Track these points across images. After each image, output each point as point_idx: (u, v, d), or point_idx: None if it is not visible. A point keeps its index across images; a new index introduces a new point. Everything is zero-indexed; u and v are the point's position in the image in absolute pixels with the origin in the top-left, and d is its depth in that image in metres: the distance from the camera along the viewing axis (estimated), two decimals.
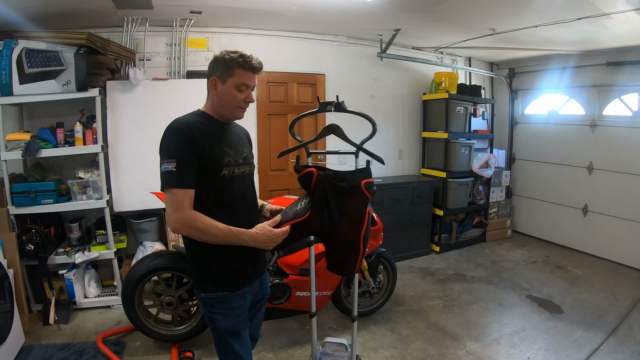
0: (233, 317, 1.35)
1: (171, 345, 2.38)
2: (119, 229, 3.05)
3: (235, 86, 1.28)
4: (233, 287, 1.33)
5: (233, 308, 1.34)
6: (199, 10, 2.94)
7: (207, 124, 1.30)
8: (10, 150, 2.61)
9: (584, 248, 4.23)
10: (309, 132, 3.77)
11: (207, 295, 1.33)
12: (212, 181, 1.27)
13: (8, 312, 2.26)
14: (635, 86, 3.77)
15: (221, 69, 1.28)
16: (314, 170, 1.46)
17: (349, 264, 1.55)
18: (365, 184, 1.46)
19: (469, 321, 2.78)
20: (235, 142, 1.39)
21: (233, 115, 1.36)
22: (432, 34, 3.76)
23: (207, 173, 1.25)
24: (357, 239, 1.50)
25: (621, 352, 2.36)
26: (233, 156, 1.33)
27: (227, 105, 1.32)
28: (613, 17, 2.75)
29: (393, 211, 3.84)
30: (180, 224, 1.21)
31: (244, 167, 1.38)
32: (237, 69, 1.27)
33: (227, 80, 1.28)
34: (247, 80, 1.29)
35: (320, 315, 2.56)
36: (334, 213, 1.46)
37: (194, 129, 1.24)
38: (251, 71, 1.29)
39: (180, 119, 1.28)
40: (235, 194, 1.34)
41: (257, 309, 1.55)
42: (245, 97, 1.32)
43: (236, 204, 1.34)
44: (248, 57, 1.27)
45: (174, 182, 1.19)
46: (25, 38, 2.55)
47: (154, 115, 2.90)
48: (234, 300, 1.34)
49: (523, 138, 4.94)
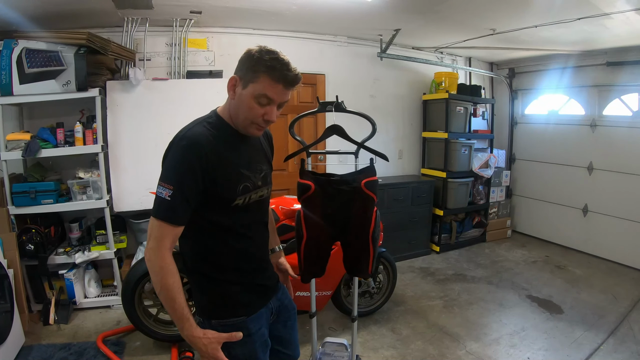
0: (250, 344, 1.15)
1: (171, 345, 2.38)
2: (119, 229, 3.05)
3: (255, 96, 1.02)
4: (249, 310, 1.15)
5: (250, 334, 1.14)
6: (199, 10, 2.94)
7: (222, 136, 1.08)
8: (10, 150, 2.61)
9: (584, 248, 4.22)
10: (309, 132, 3.78)
11: (219, 322, 1.12)
12: (221, 209, 1.08)
13: (8, 312, 2.25)
14: (635, 86, 3.76)
15: (246, 69, 1.03)
16: (312, 186, 1.44)
17: (361, 265, 1.56)
18: (366, 183, 1.45)
19: (469, 321, 2.78)
20: (254, 159, 1.17)
21: (245, 131, 1.10)
22: (432, 34, 3.76)
23: (217, 202, 1.07)
24: (367, 240, 1.50)
25: (621, 352, 2.36)
26: (251, 179, 1.12)
27: (242, 117, 1.07)
28: (613, 17, 2.75)
29: (393, 211, 3.84)
30: (149, 261, 1.01)
31: (262, 190, 1.18)
32: (262, 74, 1.00)
33: (248, 84, 1.02)
34: (271, 92, 1.02)
35: (320, 315, 2.56)
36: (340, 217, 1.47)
37: (207, 147, 1.02)
38: (281, 83, 1.02)
39: (192, 132, 1.05)
40: (248, 222, 1.15)
41: (290, 326, 1.35)
42: (264, 114, 1.05)
43: (249, 231, 1.16)
44: (284, 63, 1.01)
45: (162, 213, 1.00)
46: (25, 38, 2.55)
47: (154, 115, 2.91)
48: (251, 324, 1.15)
49: (523, 138, 4.94)
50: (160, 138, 1.24)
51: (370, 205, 1.48)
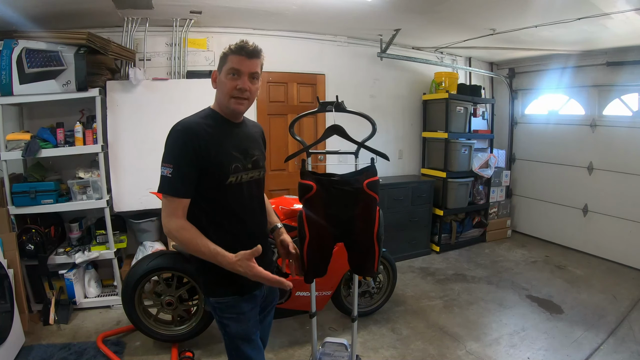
0: (244, 322, 1.32)
1: (171, 345, 2.38)
2: (119, 229, 3.05)
3: (226, 72, 1.22)
4: (243, 291, 1.30)
5: (244, 312, 1.31)
6: (199, 10, 2.94)
7: (215, 124, 1.25)
8: (10, 150, 2.61)
9: (584, 248, 4.23)
10: (309, 132, 3.78)
11: (216, 300, 1.30)
12: (217, 188, 1.22)
13: (8, 312, 2.26)
14: (635, 86, 3.76)
15: (220, 61, 1.26)
16: (314, 186, 1.45)
17: (367, 264, 1.56)
18: (368, 184, 1.46)
19: (469, 321, 2.78)
20: (245, 145, 1.31)
21: (229, 108, 1.26)
22: (432, 34, 3.76)
23: (212, 180, 1.21)
24: (372, 240, 1.50)
25: (621, 352, 2.36)
26: (242, 161, 1.27)
27: (223, 97, 1.24)
28: (613, 17, 2.75)
29: (393, 211, 3.84)
30: (167, 230, 1.18)
31: (253, 172, 1.32)
32: (229, 55, 1.22)
33: (222, 69, 1.24)
34: (238, 64, 1.21)
35: (320, 315, 2.56)
36: (344, 218, 1.47)
37: (200, 132, 1.19)
38: (243, 55, 1.21)
39: (186, 120, 1.23)
40: (243, 201, 1.29)
41: (267, 313, 1.52)
42: (237, 84, 1.21)
43: (244, 211, 1.29)
44: (243, 42, 1.22)
45: (167, 189, 1.16)
46: (25, 38, 2.55)
47: (154, 115, 2.91)
48: (244, 304, 1.31)
49: (523, 138, 4.94)
50: (161, 138, 1.24)
51: (373, 205, 1.48)
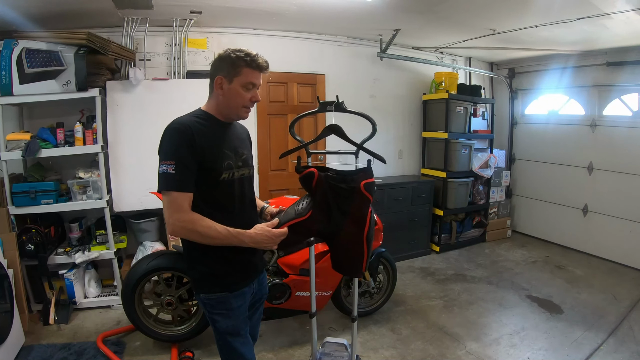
0: (233, 318, 1.36)
1: (171, 345, 2.38)
2: (119, 229, 3.05)
3: (242, 85, 1.27)
4: (232, 288, 1.34)
5: (233, 308, 1.35)
6: (199, 10, 2.94)
7: (208, 124, 1.29)
8: (10, 150, 2.61)
9: (584, 248, 4.23)
10: (309, 132, 3.77)
11: (206, 296, 1.34)
12: (211, 184, 1.26)
13: (8, 312, 2.26)
14: (635, 86, 3.76)
15: (227, 68, 1.26)
16: (315, 171, 1.46)
17: (355, 264, 1.55)
18: (365, 185, 1.45)
19: (469, 321, 2.78)
20: (235, 144, 1.37)
21: (238, 116, 1.35)
22: (432, 34, 3.76)
23: (206, 176, 1.25)
24: (361, 240, 1.49)
25: (621, 352, 2.36)
26: (233, 159, 1.32)
27: (234, 106, 1.30)
28: (613, 17, 2.75)
29: (393, 211, 3.84)
30: (179, 227, 1.19)
31: (243, 169, 1.37)
32: (244, 68, 1.25)
33: (233, 79, 1.26)
34: (254, 79, 1.28)
35: (320, 315, 2.56)
36: (336, 214, 1.47)
37: (195, 130, 1.22)
38: (258, 70, 1.28)
39: (180, 119, 1.26)
40: (234, 196, 1.33)
41: (256, 308, 1.55)
42: (252, 97, 1.30)
43: (234, 206, 1.33)
44: (255, 55, 1.26)
45: (172, 185, 1.18)
46: (25, 38, 2.55)
47: (154, 115, 2.90)
48: (233, 300, 1.34)
49: (523, 138, 4.94)
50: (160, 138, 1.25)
51: (366, 205, 1.48)
